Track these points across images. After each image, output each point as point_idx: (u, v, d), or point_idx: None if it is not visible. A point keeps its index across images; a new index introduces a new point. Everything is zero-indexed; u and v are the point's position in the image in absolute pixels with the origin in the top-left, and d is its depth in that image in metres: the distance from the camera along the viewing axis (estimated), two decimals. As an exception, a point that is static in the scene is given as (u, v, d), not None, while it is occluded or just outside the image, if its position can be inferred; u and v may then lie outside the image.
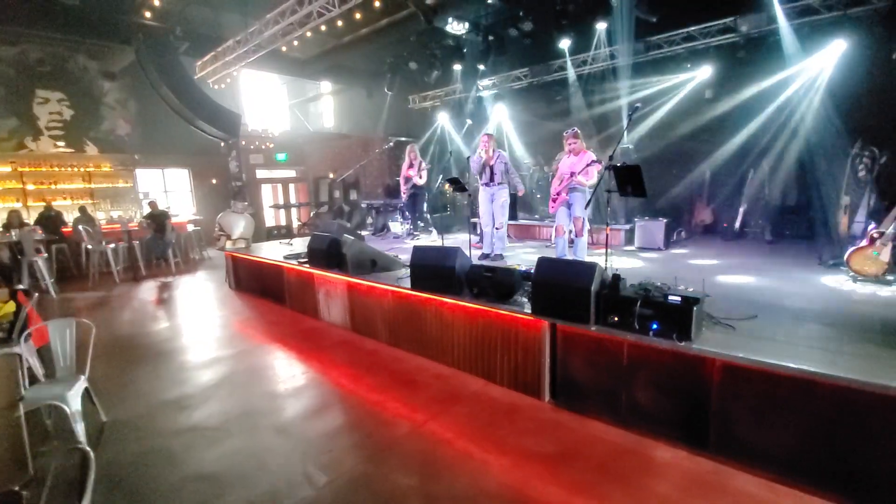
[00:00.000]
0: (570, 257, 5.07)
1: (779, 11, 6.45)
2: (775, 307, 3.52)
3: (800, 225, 7.31)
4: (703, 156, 8.28)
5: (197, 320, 5.80)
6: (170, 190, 12.19)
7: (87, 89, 10.40)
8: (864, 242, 4.31)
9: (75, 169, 10.09)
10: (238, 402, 3.56)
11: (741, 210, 7.52)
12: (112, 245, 8.29)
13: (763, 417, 2.48)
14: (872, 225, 4.42)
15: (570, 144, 5.00)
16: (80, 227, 8.18)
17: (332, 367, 4.24)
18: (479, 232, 6.14)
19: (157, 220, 8.78)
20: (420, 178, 7.79)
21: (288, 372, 4.12)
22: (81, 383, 2.92)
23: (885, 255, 4.10)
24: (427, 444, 2.91)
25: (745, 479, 2.44)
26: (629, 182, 3.64)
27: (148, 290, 7.58)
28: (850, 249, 4.41)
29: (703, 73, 7.84)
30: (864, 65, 6.40)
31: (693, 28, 7.63)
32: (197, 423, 3.23)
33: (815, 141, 7.07)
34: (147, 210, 9.01)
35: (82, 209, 8.95)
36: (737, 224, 7.53)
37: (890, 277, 4.14)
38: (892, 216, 4.19)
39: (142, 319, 5.90)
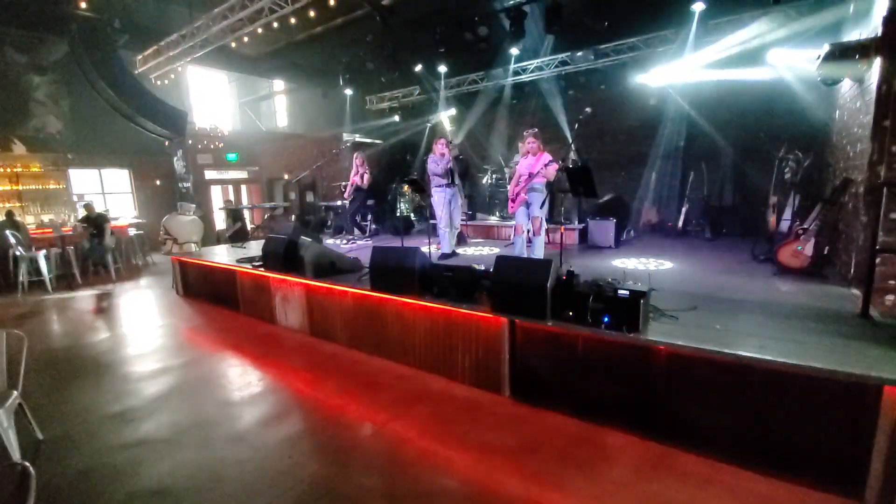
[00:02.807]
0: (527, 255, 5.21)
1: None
2: (714, 299, 3.78)
3: (735, 223, 7.88)
4: (649, 159, 8.76)
5: (141, 329, 5.47)
6: (108, 192, 11.42)
7: (14, 83, 9.56)
8: (790, 239, 4.72)
9: (1, 169, 9.25)
10: (189, 412, 3.40)
11: (683, 210, 8.01)
12: (43, 251, 7.66)
13: (704, 401, 2.67)
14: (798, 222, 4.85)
15: (528, 145, 5.14)
16: (8, 232, 7.50)
17: (291, 372, 4.13)
18: (438, 233, 6.23)
19: (95, 223, 8.20)
20: (362, 180, 7.99)
21: (243, 379, 3.97)
22: (14, 399, 2.69)
23: (808, 250, 4.51)
24: (389, 445, 2.90)
25: (690, 460, 2.61)
26: (581, 183, 3.80)
27: (85, 300, 7.07)
28: (778, 245, 4.81)
29: (648, 79, 8.28)
30: (790, 75, 6.96)
31: (637, 38, 8.05)
32: (144, 437, 3.06)
33: (747, 146, 7.66)
34: (82, 213, 8.39)
35: (9, 213, 8.21)
36: (679, 223, 8.01)
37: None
38: (813, 214, 4.61)
39: (79, 330, 5.49)
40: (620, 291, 2.89)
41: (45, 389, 3.84)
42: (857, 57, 3.92)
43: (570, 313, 3.09)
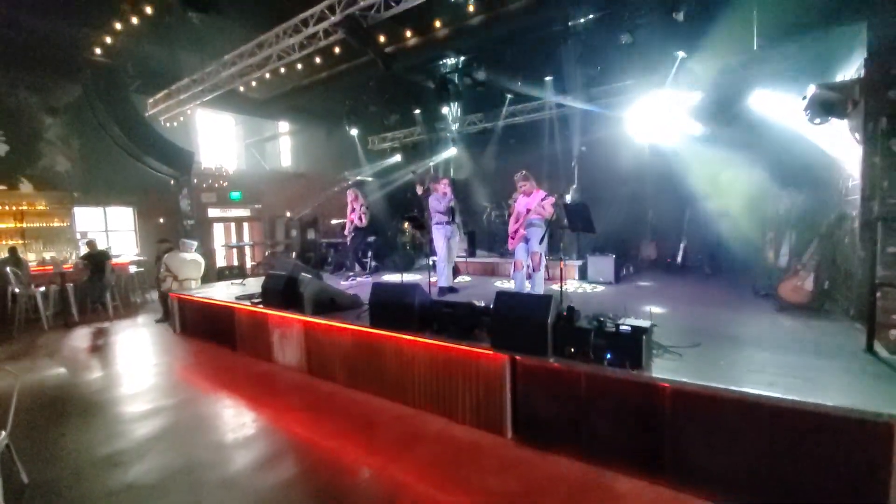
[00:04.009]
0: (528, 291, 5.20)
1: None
2: (717, 334, 3.73)
3: (734, 259, 7.89)
4: (645, 196, 8.89)
5: (135, 368, 5.37)
6: (112, 229, 11.52)
7: (25, 124, 9.84)
8: (790, 274, 4.72)
9: (6, 207, 9.37)
10: (180, 455, 3.28)
11: (682, 246, 8.04)
12: (42, 288, 7.64)
13: (713, 441, 2.58)
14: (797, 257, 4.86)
15: (521, 186, 5.27)
16: (8, 269, 7.51)
17: (286, 413, 4.02)
18: (437, 268, 6.27)
19: (95, 260, 8.22)
20: (360, 220, 8.01)
21: (237, 421, 3.86)
22: (1, 440, 2.61)
23: (809, 285, 4.49)
24: (387, 490, 2.79)
25: (702, 505, 2.50)
26: (579, 219, 3.84)
27: (80, 337, 6.97)
28: (779, 280, 4.80)
29: (641, 119, 8.55)
30: (778, 115, 7.17)
31: (628, 82, 8.37)
32: (132, 482, 2.94)
33: (742, 182, 7.78)
34: (85, 250, 8.43)
35: (12, 250, 8.24)
36: (678, 258, 8.02)
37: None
38: (811, 249, 4.63)
39: (72, 369, 5.39)
40: (622, 327, 2.86)
41: (35, 430, 3.73)
42: (842, 97, 4.06)
43: (572, 350, 3.05)
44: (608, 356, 2.87)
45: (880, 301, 3.14)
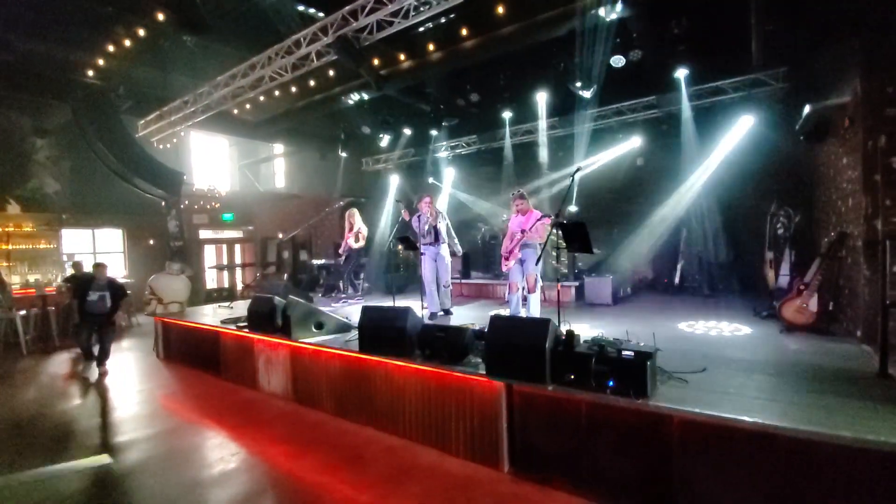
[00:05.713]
0: (524, 314, 5.03)
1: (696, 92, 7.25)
2: (721, 359, 3.57)
3: (732, 279, 7.78)
4: (640, 217, 8.83)
5: (114, 396, 5.11)
6: (100, 251, 11.30)
7: (16, 145, 9.74)
8: (792, 294, 4.60)
9: (-8, 229, 9.18)
10: (152, 494, 3.04)
11: (678, 266, 7.94)
12: (22, 311, 7.38)
13: (726, 476, 2.40)
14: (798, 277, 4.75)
15: (517, 205, 5.15)
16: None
17: (269, 445, 3.78)
18: (426, 292, 5.98)
19: (80, 283, 7.98)
20: (356, 241, 7.74)
21: (216, 454, 3.62)
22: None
23: (813, 306, 4.37)
24: (374, 532, 2.56)
25: (716, 548, 2.30)
26: (576, 239, 3.72)
27: (59, 363, 6.69)
28: (781, 301, 4.67)
29: (633, 143, 8.61)
30: (773, 135, 7.19)
31: (623, 104, 8.42)
32: (96, 525, 2.70)
33: (738, 202, 7.76)
34: (70, 272, 8.21)
35: (-3, 273, 8.01)
36: (676, 279, 7.91)
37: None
38: (813, 269, 4.52)
39: (47, 397, 5.12)
40: (625, 353, 2.70)
41: (3, 464, 3.47)
42: (838, 117, 4.03)
43: (572, 376, 2.87)
44: (611, 383, 2.69)
45: (892, 323, 3.01)
